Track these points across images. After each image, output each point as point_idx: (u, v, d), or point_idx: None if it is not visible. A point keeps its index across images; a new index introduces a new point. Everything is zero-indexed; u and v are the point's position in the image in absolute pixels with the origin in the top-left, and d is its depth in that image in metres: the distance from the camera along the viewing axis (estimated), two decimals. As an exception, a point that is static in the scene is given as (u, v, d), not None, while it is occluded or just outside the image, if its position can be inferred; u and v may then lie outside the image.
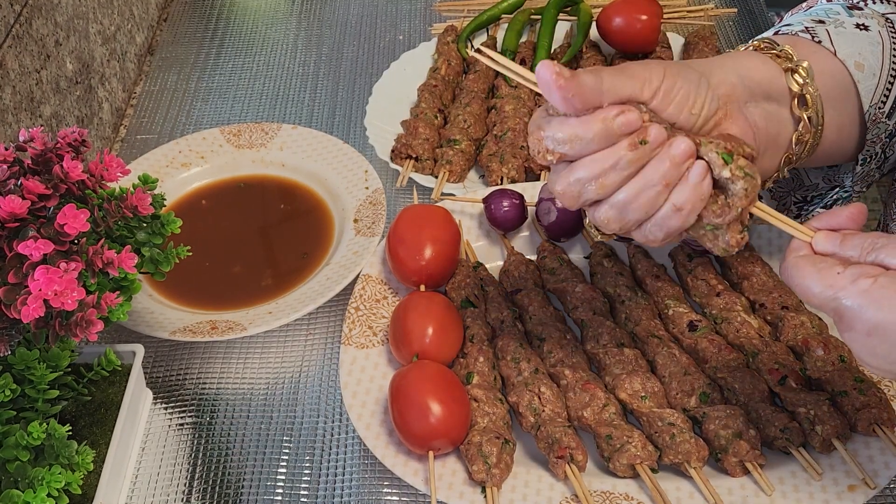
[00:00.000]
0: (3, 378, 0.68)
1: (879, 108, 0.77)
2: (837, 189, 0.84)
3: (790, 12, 0.85)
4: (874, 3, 0.80)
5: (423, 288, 0.88)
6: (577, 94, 0.60)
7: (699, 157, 0.62)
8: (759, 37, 0.78)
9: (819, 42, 0.76)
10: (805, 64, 0.73)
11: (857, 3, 0.80)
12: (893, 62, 0.78)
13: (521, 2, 1.25)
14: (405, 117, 1.10)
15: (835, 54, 0.75)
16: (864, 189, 0.84)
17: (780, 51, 0.73)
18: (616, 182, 0.62)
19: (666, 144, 0.62)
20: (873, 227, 0.93)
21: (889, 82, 0.78)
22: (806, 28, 0.77)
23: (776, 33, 0.79)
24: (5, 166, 0.67)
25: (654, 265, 0.90)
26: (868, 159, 0.80)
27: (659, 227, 0.63)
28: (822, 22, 0.78)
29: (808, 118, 0.73)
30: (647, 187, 0.62)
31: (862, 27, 0.78)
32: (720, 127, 0.67)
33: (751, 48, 0.75)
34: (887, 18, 0.79)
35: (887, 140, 0.80)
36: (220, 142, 1.08)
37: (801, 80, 0.73)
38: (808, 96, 0.73)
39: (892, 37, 0.78)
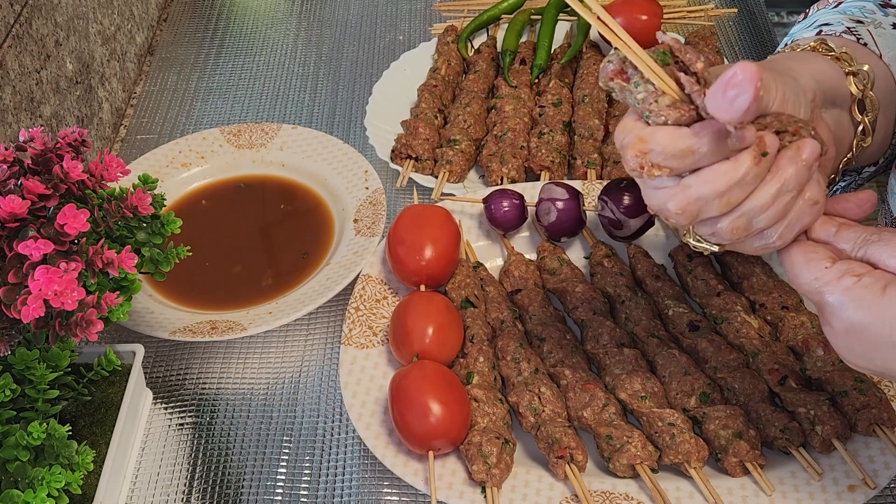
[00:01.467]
0: (4, 378, 0.68)
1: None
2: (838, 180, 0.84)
3: (815, 7, 0.82)
4: None
5: (423, 288, 0.88)
6: (757, 101, 0.54)
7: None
8: (803, 36, 0.76)
9: (865, 45, 0.75)
10: (865, 67, 0.71)
11: (890, 0, 0.79)
12: None
13: (521, 2, 1.25)
14: (405, 117, 1.10)
15: (881, 57, 0.75)
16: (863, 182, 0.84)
17: (841, 53, 0.72)
18: (740, 196, 0.59)
19: (793, 148, 0.59)
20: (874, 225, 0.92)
21: None
22: (848, 28, 0.76)
23: (819, 33, 0.77)
24: (5, 166, 0.67)
25: (654, 265, 0.90)
26: (884, 159, 0.80)
27: (792, 227, 0.60)
28: (860, 22, 0.76)
29: (867, 123, 0.72)
30: (783, 193, 0.59)
31: None
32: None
33: (807, 48, 0.73)
34: None
35: None
36: (220, 142, 1.08)
37: (860, 85, 0.71)
38: (867, 101, 0.71)
39: None
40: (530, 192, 0.96)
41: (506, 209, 0.93)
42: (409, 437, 0.75)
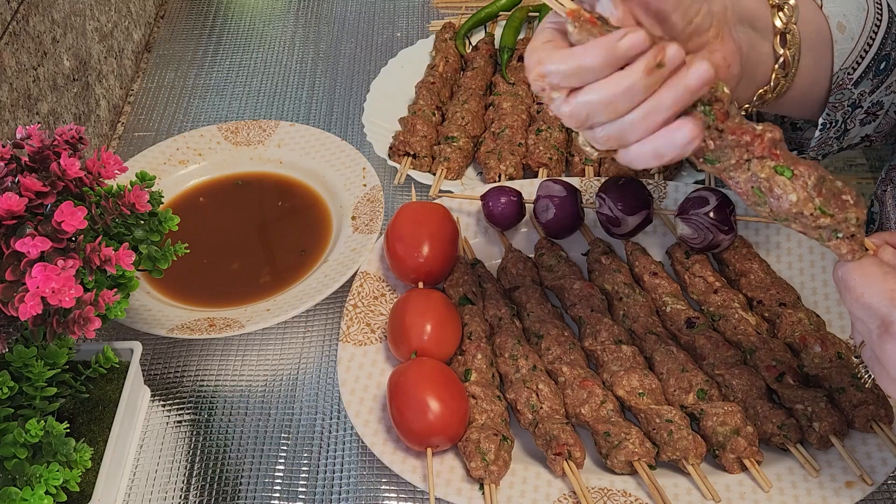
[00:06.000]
0: (1, 375, 0.68)
1: (848, 73, 0.78)
2: (796, 152, 0.84)
3: None
4: None
5: (421, 285, 0.88)
6: None
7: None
8: None
9: None
10: (792, 2, 0.72)
11: None
12: (872, 32, 0.77)
13: (518, -1, 1.25)
14: (403, 114, 1.10)
15: (821, 7, 0.76)
16: (820, 157, 0.84)
17: None
18: (628, 106, 0.58)
19: (683, 68, 0.58)
20: (872, 228, 0.93)
21: (864, 50, 0.78)
22: None
23: None
24: (2, 164, 0.67)
25: (652, 262, 0.90)
26: (828, 125, 0.80)
27: (658, 152, 0.59)
28: None
29: (788, 57, 0.73)
30: (658, 111, 0.58)
31: None
32: (710, 46, 0.65)
33: None
34: None
35: (849, 110, 0.79)
36: (217, 139, 1.08)
37: (785, 18, 0.72)
38: (789, 35, 0.72)
39: (877, 9, 0.78)
40: (528, 189, 0.96)
41: (503, 206, 0.93)
42: (408, 434, 0.76)
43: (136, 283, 0.73)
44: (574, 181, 0.97)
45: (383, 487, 0.79)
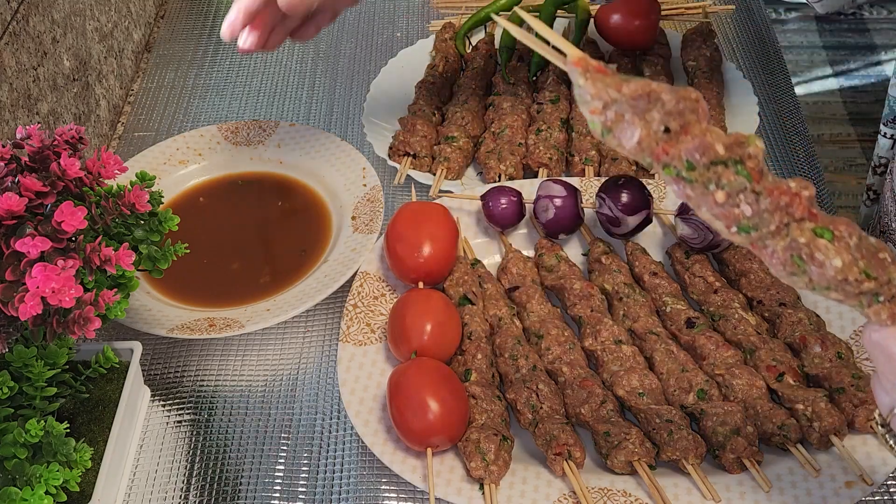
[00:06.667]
0: (1, 375, 0.68)
1: None
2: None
3: None
4: None
5: (421, 285, 0.88)
6: None
7: None
8: None
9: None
10: None
11: None
12: None
13: (518, -1, 1.25)
14: (403, 115, 1.10)
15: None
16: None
17: None
18: None
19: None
20: (870, 224, 0.93)
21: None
22: None
23: None
24: (2, 164, 0.67)
25: (652, 262, 0.90)
26: None
27: None
28: None
29: None
30: None
31: None
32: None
33: None
34: None
35: None
36: (217, 139, 1.08)
37: None
38: None
39: None
40: (528, 189, 0.96)
41: (504, 206, 0.93)
42: (408, 434, 0.76)
43: (135, 283, 0.73)
44: (574, 181, 0.97)
45: (383, 487, 0.79)
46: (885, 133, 0.90)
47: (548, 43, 0.53)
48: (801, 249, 0.51)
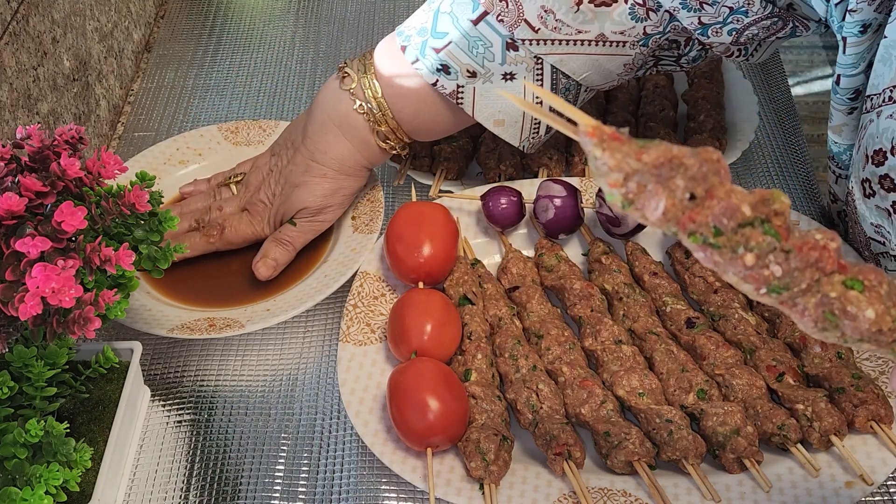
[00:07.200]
0: (1, 375, 0.68)
1: (533, 137, 0.90)
2: None
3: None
4: (532, 44, 0.84)
5: (421, 285, 0.88)
6: None
7: None
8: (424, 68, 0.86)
9: (461, 104, 0.86)
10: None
11: (516, 41, 0.84)
12: (536, 99, 0.85)
13: (518, -1, 1.25)
14: (403, 114, 1.10)
15: (473, 116, 0.87)
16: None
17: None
18: None
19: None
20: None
21: (535, 123, 0.87)
22: (458, 87, 0.85)
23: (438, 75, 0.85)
24: (2, 164, 0.67)
25: (652, 262, 0.90)
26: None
27: None
28: (474, 75, 0.85)
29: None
30: None
31: (509, 77, 0.85)
32: None
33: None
34: (537, 58, 0.84)
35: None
36: (217, 139, 1.08)
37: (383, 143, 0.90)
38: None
39: (538, 78, 0.85)
40: (528, 189, 0.96)
41: (504, 206, 0.93)
42: (407, 434, 0.75)
43: (136, 283, 0.73)
44: (574, 181, 0.97)
45: (383, 487, 0.79)
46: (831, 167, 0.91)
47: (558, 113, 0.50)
48: (833, 304, 0.48)
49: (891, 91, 0.76)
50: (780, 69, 1.21)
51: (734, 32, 0.84)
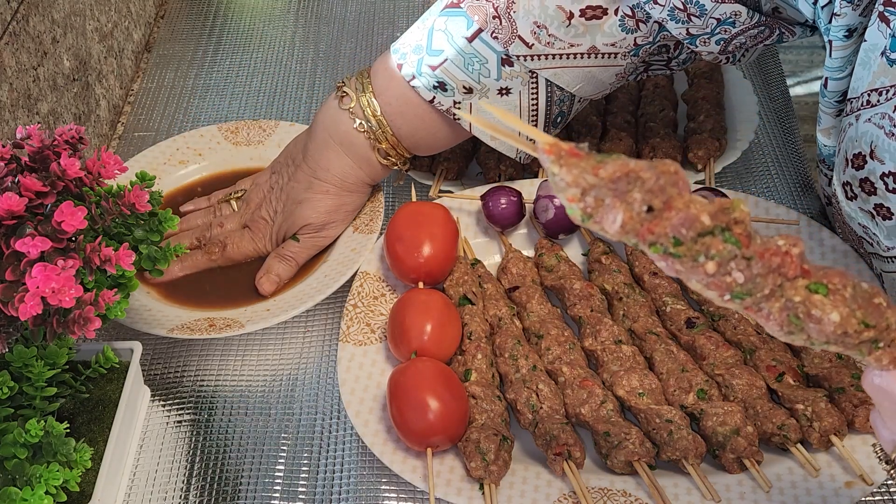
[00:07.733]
0: (1, 375, 0.68)
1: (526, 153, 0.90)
2: None
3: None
4: (526, 60, 0.85)
5: (421, 285, 0.88)
6: None
7: None
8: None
9: (457, 119, 0.87)
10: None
11: (511, 56, 0.85)
12: (532, 112, 0.87)
13: (518, -1, 1.25)
14: (403, 114, 1.10)
15: (470, 130, 0.89)
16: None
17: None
18: None
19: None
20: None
21: (528, 139, 0.84)
22: (455, 103, 0.86)
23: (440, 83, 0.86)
24: (2, 164, 0.67)
25: (652, 262, 0.90)
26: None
27: None
28: (470, 91, 0.85)
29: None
30: None
31: (504, 91, 0.85)
32: None
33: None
34: (532, 73, 0.85)
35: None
36: (217, 139, 1.08)
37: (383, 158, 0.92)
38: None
39: (533, 92, 0.85)
40: (528, 189, 0.96)
41: (503, 206, 0.93)
42: (408, 434, 0.75)
43: (135, 283, 0.73)
44: (574, 181, 0.96)
45: (383, 487, 0.79)
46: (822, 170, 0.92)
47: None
48: (797, 308, 0.50)
49: (869, 95, 0.76)
50: (779, 69, 1.21)
51: (722, 42, 0.85)
